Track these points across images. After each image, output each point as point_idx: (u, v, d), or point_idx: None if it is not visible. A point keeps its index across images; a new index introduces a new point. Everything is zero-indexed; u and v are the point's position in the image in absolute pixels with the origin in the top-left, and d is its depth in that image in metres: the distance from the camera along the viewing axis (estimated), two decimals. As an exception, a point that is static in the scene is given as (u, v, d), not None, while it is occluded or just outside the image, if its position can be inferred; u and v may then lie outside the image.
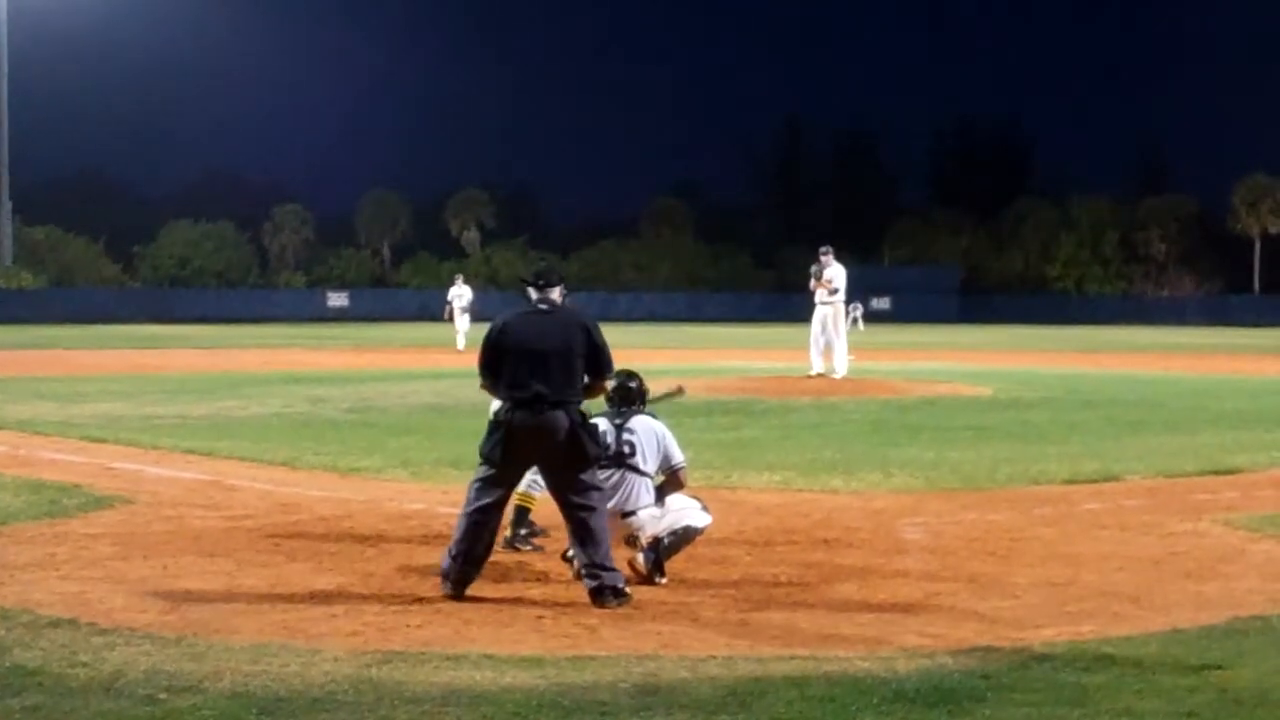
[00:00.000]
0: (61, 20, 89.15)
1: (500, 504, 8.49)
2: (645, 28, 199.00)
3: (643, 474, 8.93)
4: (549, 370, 8.24)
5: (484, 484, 8.38)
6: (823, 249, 26.15)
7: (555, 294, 8.79)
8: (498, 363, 8.43)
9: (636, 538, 8.80)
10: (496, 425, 8.32)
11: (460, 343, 41.69)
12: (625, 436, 8.95)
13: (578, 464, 8.24)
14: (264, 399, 22.36)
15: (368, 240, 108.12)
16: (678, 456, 9.09)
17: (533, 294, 8.84)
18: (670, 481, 9.10)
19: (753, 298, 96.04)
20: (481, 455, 8.40)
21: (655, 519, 8.84)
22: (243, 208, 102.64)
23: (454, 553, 8.30)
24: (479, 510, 8.34)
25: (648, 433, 9.02)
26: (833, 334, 25.52)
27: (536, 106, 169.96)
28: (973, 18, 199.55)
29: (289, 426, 18.24)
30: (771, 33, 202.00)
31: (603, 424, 8.95)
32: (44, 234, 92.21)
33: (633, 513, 8.84)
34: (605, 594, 8.01)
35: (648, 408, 9.25)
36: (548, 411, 8.18)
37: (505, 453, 8.26)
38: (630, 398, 9.15)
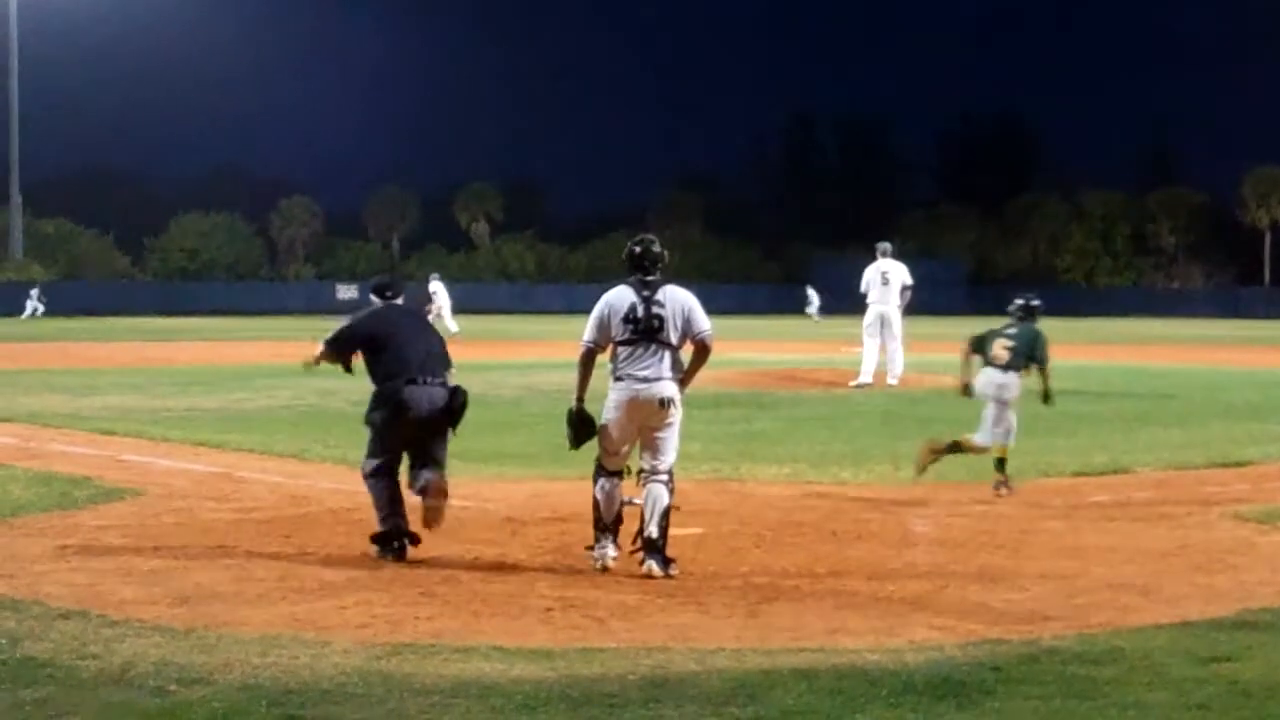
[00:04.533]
0: (71, 16, 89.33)
1: (394, 467, 9.56)
2: (654, 20, 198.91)
3: (672, 346, 8.79)
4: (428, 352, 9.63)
5: (384, 436, 9.58)
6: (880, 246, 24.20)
7: (400, 301, 10.13)
8: (380, 350, 9.62)
9: (640, 529, 8.77)
10: (384, 399, 9.50)
11: (454, 329, 42.42)
12: (654, 310, 8.77)
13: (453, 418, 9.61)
14: (274, 391, 22.36)
15: (377, 233, 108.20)
16: (703, 323, 8.83)
17: (378, 300, 10.05)
18: (699, 353, 8.88)
19: (761, 290, 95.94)
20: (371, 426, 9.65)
21: (659, 498, 8.77)
22: (252, 201, 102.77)
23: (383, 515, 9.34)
24: (383, 474, 9.53)
25: (675, 305, 8.82)
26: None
27: (545, 99, 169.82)
28: (980, 9, 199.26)
29: (299, 419, 18.26)
30: (780, 26, 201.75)
31: (631, 296, 8.82)
32: (54, 227, 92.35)
33: (665, 378, 8.71)
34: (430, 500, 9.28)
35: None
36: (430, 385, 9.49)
37: (398, 418, 9.48)
38: (656, 260, 8.93)
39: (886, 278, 23.54)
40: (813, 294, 73.84)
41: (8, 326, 54.35)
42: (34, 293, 72.79)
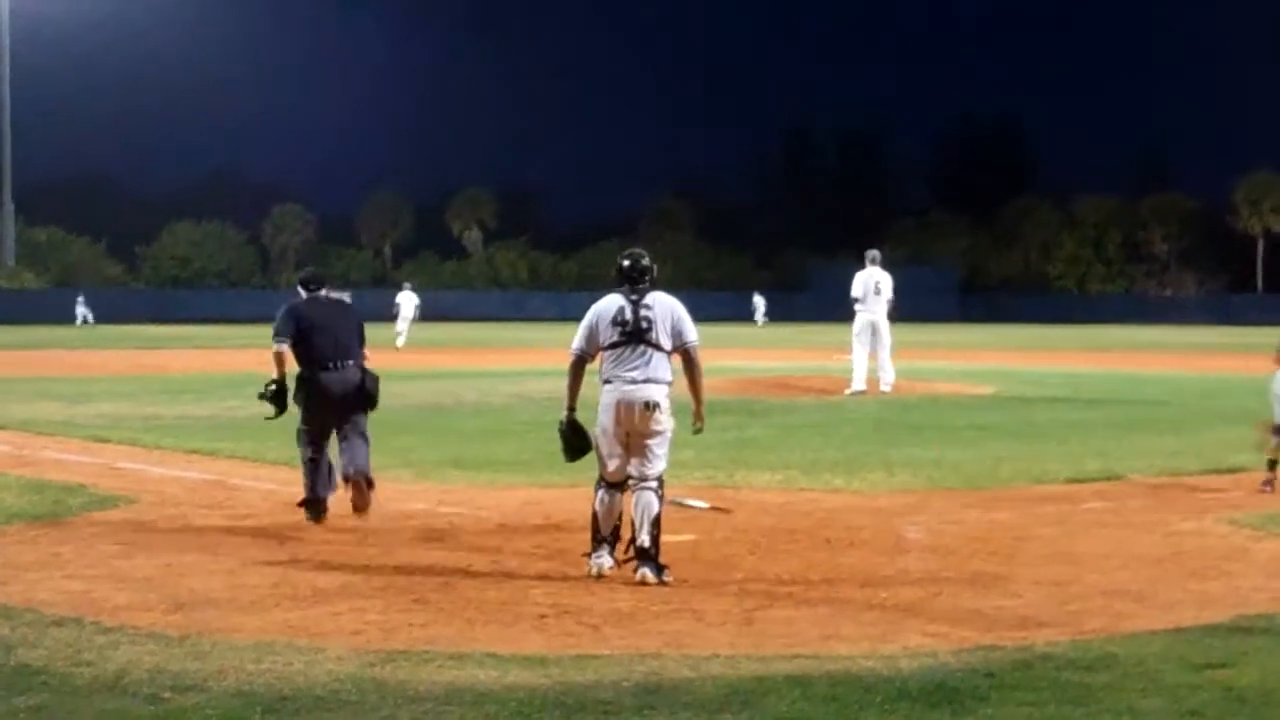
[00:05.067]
0: (63, 22, 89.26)
1: (325, 437, 10.94)
2: (646, 28, 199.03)
3: (660, 349, 8.87)
4: (343, 339, 11.04)
5: (308, 431, 11.00)
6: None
7: (323, 293, 11.52)
8: (304, 334, 10.96)
9: (632, 538, 8.78)
10: (305, 383, 10.89)
11: (400, 341, 44.14)
12: (643, 312, 8.90)
13: (363, 407, 11.02)
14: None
15: (369, 240, 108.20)
16: (691, 334, 8.98)
17: (304, 293, 11.46)
18: (689, 363, 9.02)
19: (753, 297, 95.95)
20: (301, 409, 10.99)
21: (649, 505, 8.77)
22: (245, 208, 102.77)
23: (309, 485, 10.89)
24: (312, 451, 10.96)
25: (663, 308, 8.96)
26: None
27: (538, 107, 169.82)
28: (973, 16, 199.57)
29: (291, 426, 18.17)
30: (772, 33, 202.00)
31: (620, 300, 8.95)
32: (46, 235, 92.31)
33: (653, 381, 8.77)
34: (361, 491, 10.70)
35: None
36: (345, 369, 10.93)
37: (317, 403, 10.87)
38: (644, 273, 9.06)
39: (879, 286, 23.55)
40: (759, 301, 76.67)
41: (63, 333, 54.25)
42: (80, 299, 72.75)
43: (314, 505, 10.84)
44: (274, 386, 11.08)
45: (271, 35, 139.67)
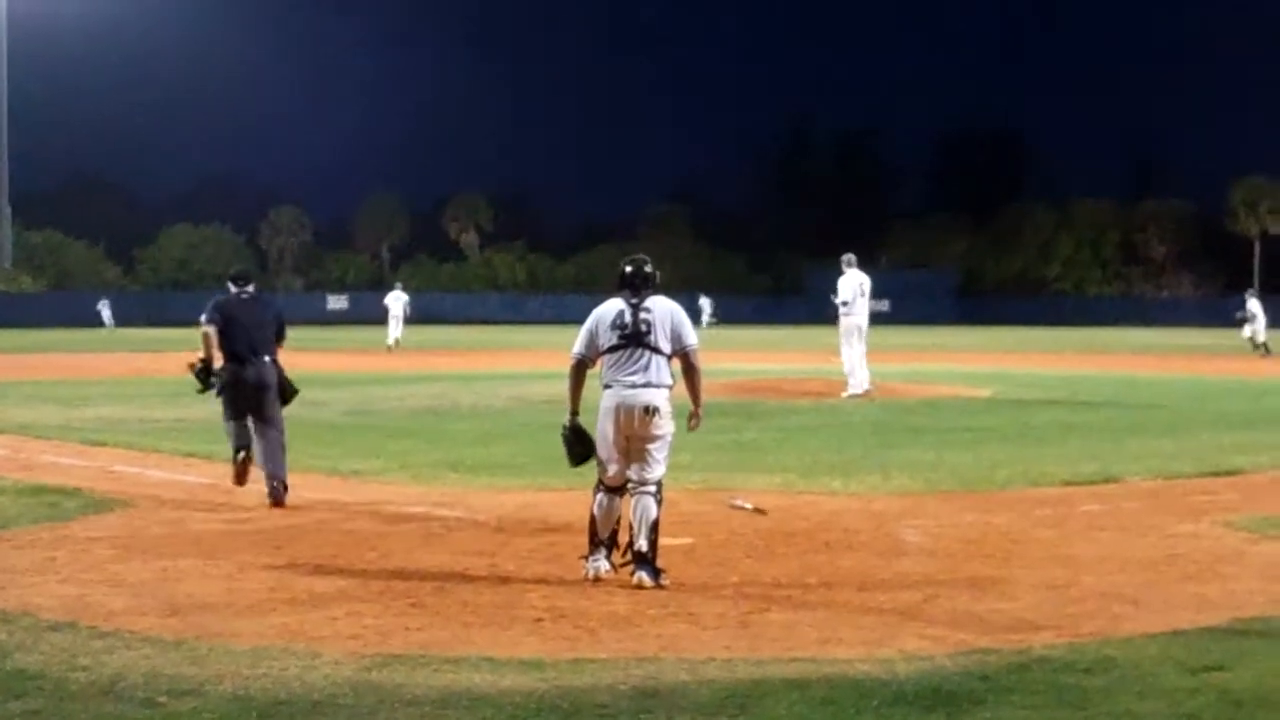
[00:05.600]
0: (60, 25, 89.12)
1: (241, 419, 12.11)
2: (643, 31, 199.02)
3: (659, 352, 8.88)
4: (258, 335, 12.17)
5: (232, 415, 12.19)
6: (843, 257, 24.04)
7: (250, 288, 12.56)
8: (226, 326, 12.08)
9: (630, 542, 8.78)
10: (226, 373, 12.06)
11: (389, 341, 46.12)
12: (642, 315, 8.92)
13: (276, 399, 12.16)
14: (263, 402, 22.32)
15: (366, 244, 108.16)
16: (691, 338, 9.00)
17: (232, 288, 12.44)
18: (688, 367, 9.02)
19: (750, 300, 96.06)
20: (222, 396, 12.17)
21: (647, 510, 8.78)
22: (241, 211, 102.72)
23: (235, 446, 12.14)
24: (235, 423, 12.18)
25: (663, 312, 8.97)
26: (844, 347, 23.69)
27: (535, 110, 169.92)
28: (970, 20, 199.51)
29: (288, 429, 18.19)
30: (769, 36, 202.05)
31: (620, 305, 8.98)
32: (43, 238, 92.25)
33: (653, 385, 8.78)
34: (278, 493, 11.75)
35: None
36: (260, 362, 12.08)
37: (231, 392, 12.03)
38: (646, 280, 9.09)
39: (864, 289, 23.66)
40: (705, 303, 77.59)
41: (89, 335, 54.26)
42: (106, 303, 72.62)
43: (237, 453, 12.15)
44: (200, 365, 12.24)
45: (269, 39, 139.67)
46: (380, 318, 51.02)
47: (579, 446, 9.11)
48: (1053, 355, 43.16)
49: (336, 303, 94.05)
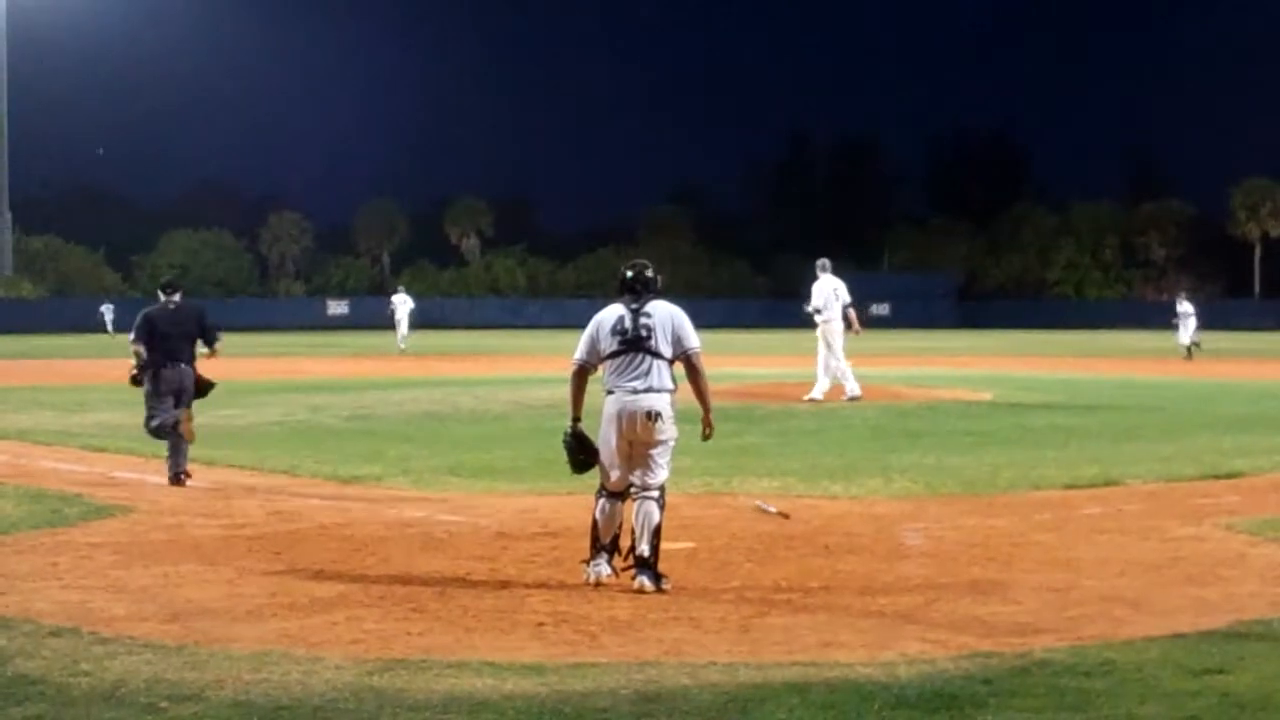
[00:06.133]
0: (60, 32, 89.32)
1: (170, 408, 13.65)
2: (643, 36, 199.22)
3: (660, 357, 8.86)
4: (177, 344, 13.79)
5: (155, 403, 13.73)
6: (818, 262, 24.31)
7: (177, 296, 14.12)
8: (150, 336, 13.64)
9: (632, 547, 8.77)
10: (150, 376, 13.71)
11: (400, 344, 47.69)
12: (642, 320, 8.89)
13: (192, 396, 13.90)
14: (263, 407, 22.36)
15: (367, 249, 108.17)
16: (692, 341, 8.95)
17: (162, 296, 14.03)
18: (691, 370, 8.98)
19: (751, 304, 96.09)
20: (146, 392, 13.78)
21: (649, 515, 8.77)
22: (242, 217, 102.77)
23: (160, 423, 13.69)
24: (164, 418, 13.66)
25: (664, 316, 8.94)
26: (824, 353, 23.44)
27: (535, 114, 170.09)
28: (969, 24, 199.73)
29: (289, 435, 18.26)
30: (770, 41, 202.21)
31: (620, 310, 8.98)
32: (43, 244, 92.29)
33: (655, 390, 8.76)
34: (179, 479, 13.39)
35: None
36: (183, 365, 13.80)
37: (154, 390, 13.68)
38: (647, 285, 9.08)
39: (837, 293, 23.63)
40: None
41: (90, 341, 54.33)
42: (110, 307, 72.57)
43: (163, 429, 13.70)
44: (135, 371, 13.88)
45: (268, 44, 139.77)
46: (383, 322, 51.61)
47: (581, 454, 9.09)
48: (1053, 358, 43.16)
49: (337, 308, 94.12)
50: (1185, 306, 42.97)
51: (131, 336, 13.80)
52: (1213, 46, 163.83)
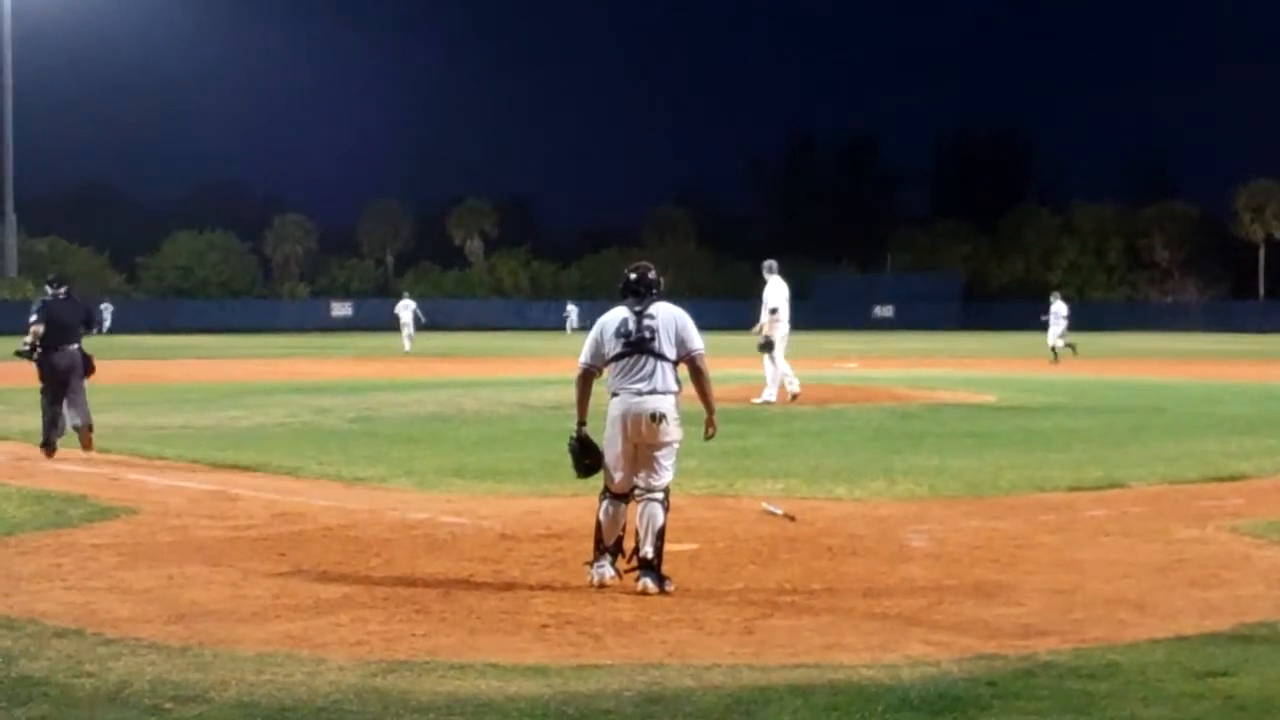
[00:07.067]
0: (64, 33, 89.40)
1: (59, 399, 16.03)
2: (647, 38, 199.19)
3: (664, 359, 8.86)
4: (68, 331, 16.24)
5: (46, 404, 16.09)
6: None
7: (63, 291, 16.44)
8: (49, 322, 15.96)
9: (635, 549, 8.78)
10: (40, 361, 16.14)
11: (406, 346, 49.48)
12: (646, 322, 8.90)
13: (81, 376, 16.17)
14: (268, 409, 22.37)
15: (370, 250, 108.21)
16: (696, 342, 8.96)
17: (60, 293, 16.44)
18: (695, 371, 8.98)
19: (754, 305, 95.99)
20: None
21: (653, 517, 8.77)
22: (246, 218, 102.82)
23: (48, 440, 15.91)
24: (47, 407, 16.12)
25: (667, 318, 8.95)
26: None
27: (539, 117, 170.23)
28: (973, 25, 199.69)
29: (293, 436, 18.26)
30: (773, 42, 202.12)
31: (624, 312, 8.99)
32: (48, 245, 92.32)
33: (659, 392, 8.76)
34: (87, 437, 16.04)
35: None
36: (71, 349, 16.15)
37: (47, 373, 16.15)
38: (650, 287, 9.09)
39: (783, 295, 23.85)
40: (571, 309, 78.16)
41: (92, 342, 54.18)
42: (109, 308, 72.66)
43: (48, 446, 15.75)
44: (27, 347, 16.13)
45: (273, 46, 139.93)
46: (388, 325, 52.33)
47: (586, 459, 9.09)
48: (1056, 360, 43.10)
49: (341, 309, 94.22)
50: (1059, 306, 41.92)
51: (33, 318, 16.12)
52: (1218, 48, 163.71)
